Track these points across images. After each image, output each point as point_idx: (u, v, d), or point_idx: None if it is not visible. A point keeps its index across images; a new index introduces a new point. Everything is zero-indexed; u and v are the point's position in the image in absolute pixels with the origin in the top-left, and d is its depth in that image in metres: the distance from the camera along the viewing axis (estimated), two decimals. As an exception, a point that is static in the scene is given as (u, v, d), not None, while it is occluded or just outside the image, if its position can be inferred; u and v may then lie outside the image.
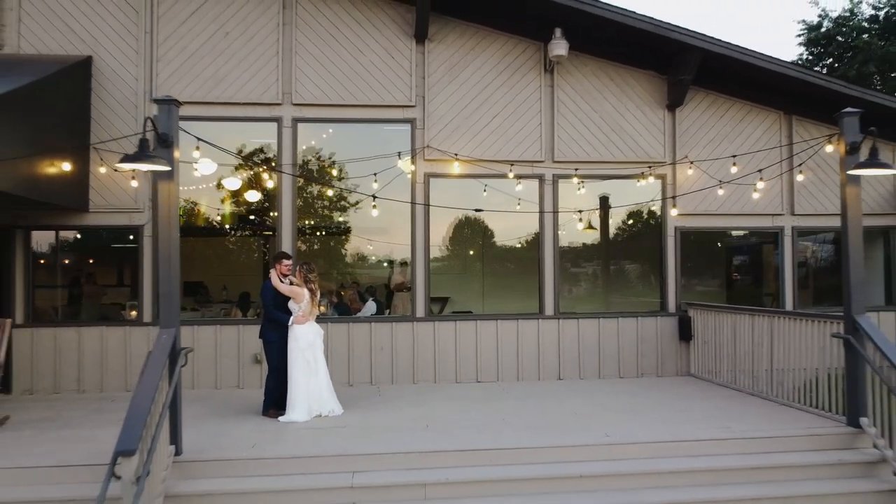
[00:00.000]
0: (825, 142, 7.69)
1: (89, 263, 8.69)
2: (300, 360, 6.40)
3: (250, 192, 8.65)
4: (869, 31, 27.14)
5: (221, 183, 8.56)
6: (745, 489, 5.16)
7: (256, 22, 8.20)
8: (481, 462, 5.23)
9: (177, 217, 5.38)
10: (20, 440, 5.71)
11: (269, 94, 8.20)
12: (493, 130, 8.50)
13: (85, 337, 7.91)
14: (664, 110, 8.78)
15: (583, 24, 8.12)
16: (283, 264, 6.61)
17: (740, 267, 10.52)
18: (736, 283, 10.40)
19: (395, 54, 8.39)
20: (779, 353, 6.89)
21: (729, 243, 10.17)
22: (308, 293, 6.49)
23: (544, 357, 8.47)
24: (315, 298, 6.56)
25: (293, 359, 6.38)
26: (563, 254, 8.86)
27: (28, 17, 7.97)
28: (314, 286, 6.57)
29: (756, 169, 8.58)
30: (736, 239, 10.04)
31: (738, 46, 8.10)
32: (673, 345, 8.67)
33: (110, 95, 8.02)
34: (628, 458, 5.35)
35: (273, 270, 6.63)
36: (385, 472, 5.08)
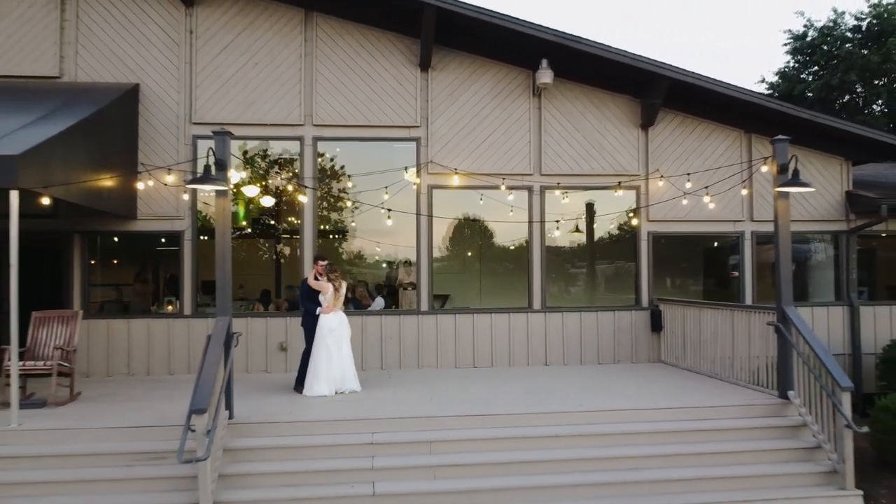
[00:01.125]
0: (762, 163, 8.87)
1: (136, 264, 9.90)
2: (322, 344, 7.61)
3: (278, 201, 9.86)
4: (852, 41, 28.32)
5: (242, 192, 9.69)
6: (692, 447, 6.37)
7: (281, 53, 9.42)
8: (475, 425, 6.44)
9: (229, 226, 6.59)
10: (95, 409, 6.92)
11: (292, 116, 9.41)
12: (487, 147, 9.71)
13: (133, 328, 9.12)
14: (638, 129, 10.00)
15: (566, 55, 9.33)
16: (318, 264, 7.81)
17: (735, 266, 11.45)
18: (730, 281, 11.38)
19: (402, 81, 9.61)
20: (731, 341, 8.10)
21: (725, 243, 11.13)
22: (332, 288, 7.70)
23: (532, 346, 9.69)
24: (338, 292, 7.76)
25: (316, 342, 7.61)
26: (552, 254, 10.07)
27: (84, 50, 9.19)
28: (336, 283, 7.77)
29: (719, 181, 9.77)
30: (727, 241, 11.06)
31: (701, 75, 9.30)
32: (645, 335, 9.88)
33: (155, 118, 9.23)
34: (597, 423, 6.56)
35: (312, 269, 7.87)
36: (398, 432, 6.29)
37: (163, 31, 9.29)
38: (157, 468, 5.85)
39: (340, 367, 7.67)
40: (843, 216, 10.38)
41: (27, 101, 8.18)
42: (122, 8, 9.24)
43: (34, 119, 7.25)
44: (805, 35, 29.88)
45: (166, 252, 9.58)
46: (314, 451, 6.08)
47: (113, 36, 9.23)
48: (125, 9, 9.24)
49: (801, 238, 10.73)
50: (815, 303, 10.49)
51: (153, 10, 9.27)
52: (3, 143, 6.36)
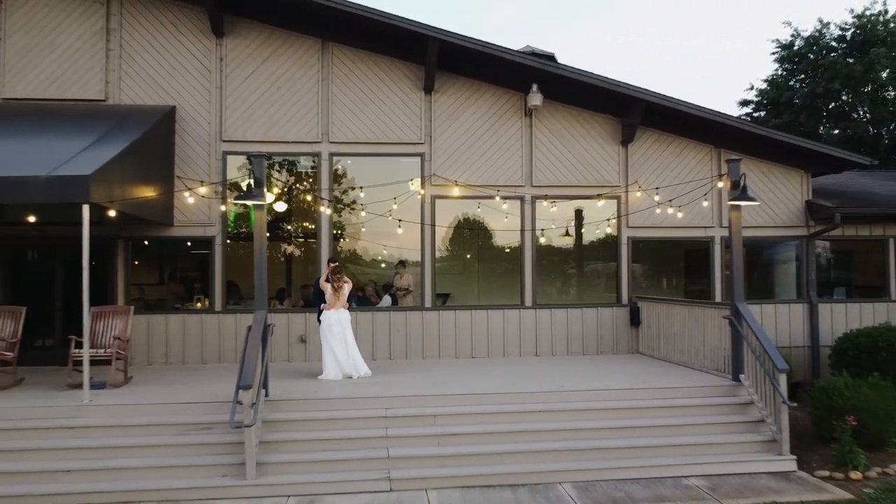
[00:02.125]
0: (718, 179, 10.04)
1: (172, 265, 11.09)
2: (327, 335, 8.78)
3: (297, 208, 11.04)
4: (836, 50, 29.47)
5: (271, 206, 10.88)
6: (653, 420, 7.54)
7: (301, 79, 10.60)
8: (471, 402, 7.62)
9: (265, 234, 7.76)
10: (147, 390, 8.10)
11: (310, 135, 10.60)
12: (484, 161, 10.90)
13: (170, 322, 10.31)
14: (619, 145, 11.18)
15: (554, 80, 10.51)
16: (329, 266, 8.99)
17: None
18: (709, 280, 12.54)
19: (408, 102, 10.80)
20: (695, 334, 9.27)
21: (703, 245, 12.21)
22: (330, 288, 8.86)
23: (524, 339, 10.87)
24: (337, 292, 8.87)
25: (322, 334, 8.81)
26: (544, 256, 11.24)
27: (126, 76, 10.37)
28: (337, 284, 8.90)
29: (691, 191, 10.94)
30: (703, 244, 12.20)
31: (673, 98, 10.48)
32: (625, 329, 11.06)
33: (189, 136, 10.42)
34: (574, 401, 7.74)
35: (326, 269, 9.06)
36: (407, 407, 7.47)
37: (196, 60, 10.48)
38: (205, 436, 7.04)
39: (350, 357, 8.83)
40: (804, 223, 11.55)
41: (81, 124, 9.38)
42: (160, 38, 10.43)
43: (93, 141, 8.43)
44: (792, 44, 31.04)
45: (198, 255, 10.75)
46: (337, 422, 7.26)
47: (152, 63, 10.41)
48: (163, 39, 10.43)
49: (770, 242, 11.94)
50: (780, 300, 11.68)
51: (188, 41, 10.46)
52: (74, 164, 7.54)
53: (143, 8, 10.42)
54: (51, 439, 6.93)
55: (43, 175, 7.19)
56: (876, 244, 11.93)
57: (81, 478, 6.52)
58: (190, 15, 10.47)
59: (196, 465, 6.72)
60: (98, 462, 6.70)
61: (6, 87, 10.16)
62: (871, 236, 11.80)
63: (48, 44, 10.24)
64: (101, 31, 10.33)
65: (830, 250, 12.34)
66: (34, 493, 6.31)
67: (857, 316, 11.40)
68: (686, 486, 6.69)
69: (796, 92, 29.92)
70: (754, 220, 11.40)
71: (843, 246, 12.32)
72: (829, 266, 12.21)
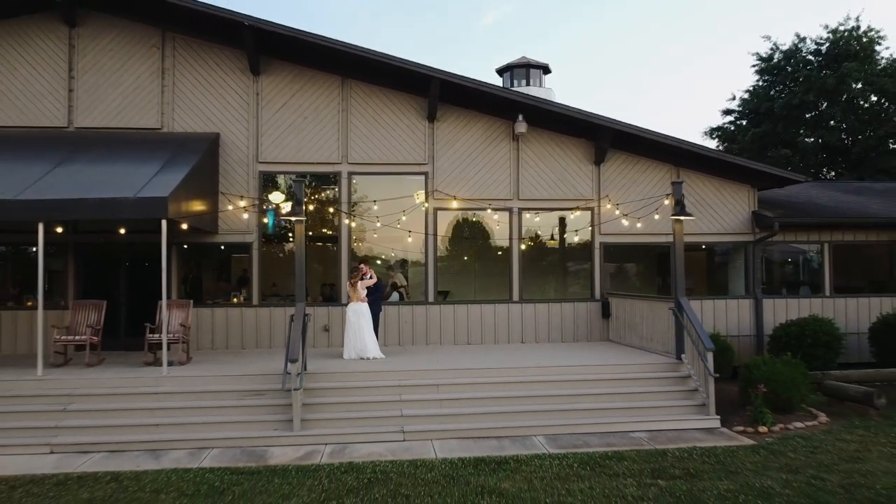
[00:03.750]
0: (664, 198, 12.03)
1: (216, 265, 13.09)
2: (346, 324, 10.81)
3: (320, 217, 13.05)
4: (812, 64, 31.43)
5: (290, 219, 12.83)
6: (610, 389, 9.55)
7: (324, 110, 12.61)
8: (466, 376, 9.63)
9: (304, 242, 9.76)
10: (206, 366, 10.11)
11: (332, 157, 12.61)
12: (479, 179, 12.90)
13: (216, 314, 12.30)
14: (593, 165, 13.19)
15: (536, 111, 12.53)
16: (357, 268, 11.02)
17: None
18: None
19: (414, 129, 12.81)
20: (651, 323, 11.28)
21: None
22: (349, 286, 10.89)
23: (512, 328, 12.88)
24: (353, 289, 10.88)
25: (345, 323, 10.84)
26: (528, 258, 13.23)
27: (178, 108, 12.38)
28: (351, 283, 10.92)
29: (653, 203, 12.93)
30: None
31: (637, 127, 12.48)
32: (598, 320, 13.07)
33: (230, 158, 12.42)
34: (547, 375, 9.75)
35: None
36: (416, 379, 9.48)
37: (236, 94, 12.49)
38: (258, 399, 9.06)
39: (362, 341, 10.80)
40: (751, 230, 13.55)
41: (145, 150, 11.38)
42: (206, 76, 12.44)
43: (161, 166, 10.44)
44: (771, 57, 33.07)
45: (238, 257, 12.76)
46: (362, 390, 9.28)
47: (199, 97, 12.42)
48: (209, 76, 12.44)
49: (723, 247, 13.95)
50: (732, 296, 13.69)
51: (230, 79, 12.47)
52: (153, 187, 9.55)
53: (192, 51, 12.43)
54: (140, 402, 8.96)
55: (131, 196, 9.21)
56: (817, 248, 13.94)
57: (166, 430, 8.53)
58: (231, 56, 12.48)
59: (252, 421, 8.74)
60: (178, 418, 8.71)
61: (79, 118, 12.17)
62: (808, 241, 13.82)
63: (113, 81, 12.25)
64: (157, 71, 12.34)
65: (781, 253, 14.36)
66: (134, 440, 8.32)
67: (795, 309, 13.38)
68: (631, 437, 8.70)
69: (775, 102, 31.85)
70: (709, 228, 13.43)
71: (792, 249, 14.33)
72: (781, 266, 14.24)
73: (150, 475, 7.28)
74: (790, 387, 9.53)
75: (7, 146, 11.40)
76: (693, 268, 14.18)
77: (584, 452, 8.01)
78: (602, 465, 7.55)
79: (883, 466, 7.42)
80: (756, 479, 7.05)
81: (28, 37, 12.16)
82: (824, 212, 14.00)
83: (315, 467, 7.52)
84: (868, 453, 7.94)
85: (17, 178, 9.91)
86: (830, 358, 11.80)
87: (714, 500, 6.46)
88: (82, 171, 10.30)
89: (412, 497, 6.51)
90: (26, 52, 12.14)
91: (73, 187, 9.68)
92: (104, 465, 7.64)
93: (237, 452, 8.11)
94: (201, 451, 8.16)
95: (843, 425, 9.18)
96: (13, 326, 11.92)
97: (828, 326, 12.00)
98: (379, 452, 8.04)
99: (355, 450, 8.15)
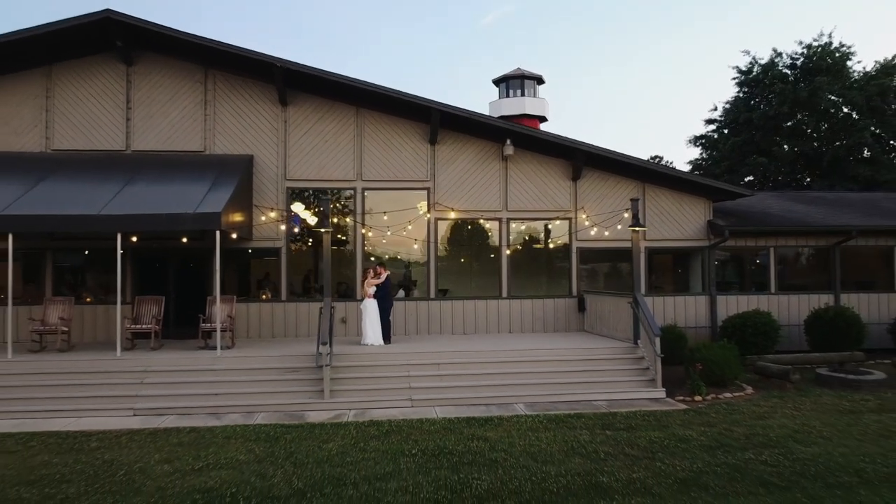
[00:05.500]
0: (624, 212, 14.27)
1: (250, 267, 15.34)
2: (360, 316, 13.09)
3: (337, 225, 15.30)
4: (786, 77, 33.64)
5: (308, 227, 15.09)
6: (578, 367, 11.81)
7: (342, 135, 14.86)
8: (462, 357, 11.89)
9: (330, 249, 12.00)
10: (249, 350, 12.34)
11: (348, 175, 14.85)
12: (473, 193, 15.15)
13: (250, 308, 14.54)
14: (570, 181, 15.44)
15: (522, 136, 14.77)
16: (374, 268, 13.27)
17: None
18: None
19: (418, 151, 15.06)
20: (615, 315, 13.52)
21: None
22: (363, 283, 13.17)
23: (501, 320, 15.13)
24: (363, 287, 13.13)
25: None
26: (515, 260, 15.48)
27: (218, 134, 14.62)
28: (364, 280, 13.17)
29: (623, 214, 15.17)
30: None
31: (606, 149, 14.72)
32: (574, 314, 15.32)
33: (263, 175, 14.66)
34: (528, 357, 12.00)
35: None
36: (421, 359, 11.74)
37: (267, 121, 14.74)
38: (295, 375, 11.31)
39: (363, 331, 13.01)
40: (706, 237, 15.81)
41: (194, 170, 13.61)
42: (242, 106, 14.68)
43: (210, 185, 12.67)
44: (751, 70, 35.32)
45: (268, 260, 15.00)
46: (377, 368, 11.54)
47: (236, 124, 14.66)
48: (245, 106, 14.68)
49: (684, 251, 16.19)
50: (691, 293, 15.93)
51: (262, 108, 14.72)
52: (207, 203, 11.77)
53: (230, 85, 14.68)
54: (201, 377, 11.21)
55: (191, 212, 11.45)
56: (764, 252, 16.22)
57: (223, 398, 10.77)
58: (263, 89, 14.72)
59: (291, 391, 10.99)
60: (231, 389, 10.96)
61: (135, 142, 14.41)
62: (756, 246, 16.08)
63: (163, 111, 14.49)
64: (200, 102, 14.58)
65: (735, 256, 16.63)
66: (198, 405, 10.56)
67: (745, 304, 15.64)
68: (592, 404, 10.94)
69: (753, 113, 34.08)
70: (671, 235, 15.68)
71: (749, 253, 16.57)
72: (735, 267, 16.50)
73: (219, 429, 9.54)
74: (723, 366, 11.78)
75: (77, 166, 13.62)
76: (659, 269, 16.50)
77: (553, 414, 10.27)
78: (566, 422, 9.81)
79: (781, 423, 9.68)
80: (680, 430, 9.32)
81: (92, 73, 14.39)
82: (770, 220, 16.25)
83: (344, 423, 9.78)
84: (774, 414, 10.20)
85: (94, 195, 12.15)
86: (768, 345, 14.05)
87: (645, 443, 8.71)
88: (146, 190, 12.53)
89: (420, 441, 8.76)
90: (91, 86, 14.39)
91: (142, 204, 11.90)
92: (179, 423, 9.89)
93: (281, 415, 10.36)
94: (253, 413, 10.41)
95: (763, 395, 11.45)
96: (91, 318, 14.14)
97: (766, 318, 14.25)
98: (393, 414, 10.29)
99: (374, 413, 10.40)
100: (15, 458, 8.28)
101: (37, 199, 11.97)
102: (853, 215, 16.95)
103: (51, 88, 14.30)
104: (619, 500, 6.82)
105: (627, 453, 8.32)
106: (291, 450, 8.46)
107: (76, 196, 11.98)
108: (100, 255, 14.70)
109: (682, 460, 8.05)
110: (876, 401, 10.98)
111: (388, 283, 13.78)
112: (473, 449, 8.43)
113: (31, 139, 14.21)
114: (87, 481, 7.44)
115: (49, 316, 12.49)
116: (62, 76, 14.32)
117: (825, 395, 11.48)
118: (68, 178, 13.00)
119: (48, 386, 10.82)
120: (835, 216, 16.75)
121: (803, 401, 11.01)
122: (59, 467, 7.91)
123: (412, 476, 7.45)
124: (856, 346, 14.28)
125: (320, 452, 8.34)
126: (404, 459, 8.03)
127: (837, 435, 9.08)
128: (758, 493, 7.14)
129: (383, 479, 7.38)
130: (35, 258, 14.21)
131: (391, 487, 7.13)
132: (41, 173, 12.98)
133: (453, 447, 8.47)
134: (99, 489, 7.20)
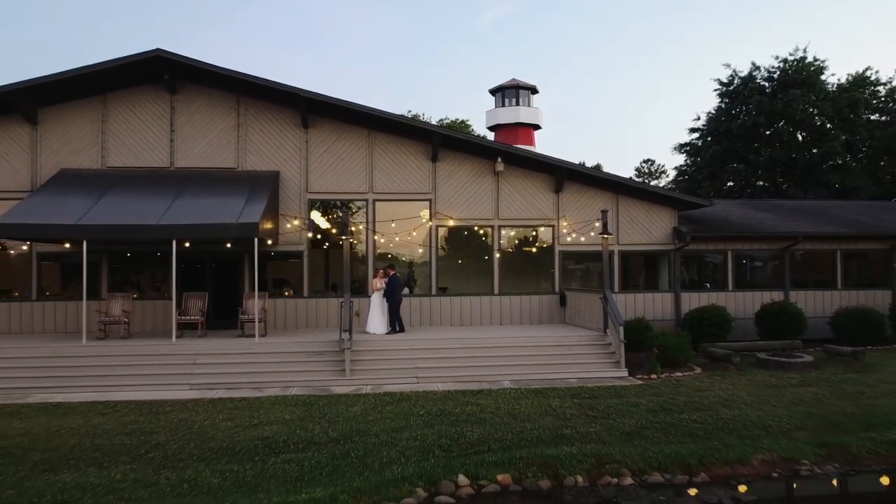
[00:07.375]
0: (595, 221, 16.58)
1: (274, 268, 17.67)
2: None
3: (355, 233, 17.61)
4: (765, 90, 35.94)
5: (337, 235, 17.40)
6: (555, 352, 14.14)
7: (355, 154, 17.19)
8: (459, 343, 14.22)
9: (349, 252, 14.32)
10: (280, 338, 14.66)
11: (361, 188, 17.18)
12: (469, 203, 17.48)
13: (277, 303, 16.85)
14: (554, 193, 17.77)
15: (512, 155, 17.11)
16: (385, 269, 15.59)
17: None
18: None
19: (421, 168, 17.39)
20: (589, 309, 15.84)
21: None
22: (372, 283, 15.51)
23: (493, 314, 17.47)
24: (372, 285, 15.46)
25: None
26: (506, 262, 17.79)
27: (248, 152, 16.94)
28: (374, 279, 15.50)
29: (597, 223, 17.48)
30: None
31: (582, 166, 17.10)
32: (557, 309, 17.64)
33: (287, 189, 16.98)
34: (514, 343, 14.34)
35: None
36: (424, 346, 14.07)
37: (291, 142, 17.06)
38: (320, 357, 13.65)
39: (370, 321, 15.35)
40: (672, 241, 18.15)
41: (230, 185, 15.91)
42: (270, 128, 17.00)
43: (247, 197, 14.97)
44: (731, 82, 37.62)
45: (292, 262, 17.33)
46: (389, 352, 13.89)
47: (265, 144, 16.99)
48: (272, 129, 17.01)
49: (653, 254, 18.52)
50: (659, 291, 18.27)
51: (287, 130, 17.05)
52: (246, 213, 14.07)
53: (259, 110, 17.01)
54: (243, 358, 13.54)
55: (234, 222, 13.76)
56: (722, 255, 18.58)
57: (262, 375, 13.09)
58: (288, 114, 17.04)
59: (318, 370, 13.32)
60: (269, 368, 13.29)
61: (178, 160, 16.73)
62: (716, 250, 18.44)
63: (202, 133, 16.81)
64: (234, 125, 16.91)
65: (697, 258, 18.98)
66: (242, 381, 12.89)
67: (706, 300, 17.91)
68: (566, 382, 13.26)
69: (733, 122, 36.39)
70: (641, 240, 18.03)
71: (709, 255, 18.92)
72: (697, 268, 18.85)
73: (263, 398, 11.87)
74: (677, 350, 14.14)
75: (130, 181, 15.92)
76: (632, 270, 18.85)
77: (533, 388, 12.60)
78: (542, 393, 12.15)
79: (715, 394, 12.02)
80: (633, 399, 11.66)
81: (140, 101, 16.71)
82: (728, 227, 18.60)
83: (363, 395, 12.12)
84: (712, 388, 12.54)
85: (148, 207, 14.46)
86: (721, 335, 16.38)
87: (603, 407, 11.06)
88: (192, 203, 14.84)
89: (425, 406, 11.10)
90: (139, 111, 16.70)
91: (191, 214, 14.19)
92: (229, 395, 12.21)
93: (312, 388, 12.70)
94: (288, 387, 12.74)
95: (708, 374, 13.80)
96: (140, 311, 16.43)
97: (721, 312, 16.60)
98: (402, 388, 12.62)
99: (387, 387, 12.74)
100: (109, 419, 10.62)
101: (101, 211, 14.27)
102: (803, 222, 19.31)
103: (105, 114, 16.61)
104: (577, 446, 9.19)
105: (588, 414, 10.68)
106: (325, 412, 10.80)
107: (136, 208, 14.30)
108: (145, 258, 17.06)
109: (629, 419, 10.41)
110: (799, 378, 13.32)
111: (396, 281, 16.04)
112: (468, 412, 10.77)
113: (89, 157, 16.52)
114: (170, 433, 9.78)
115: (112, 309, 14.80)
116: (115, 103, 16.64)
117: (760, 374, 13.83)
118: (124, 191, 15.30)
119: (118, 366, 13.14)
120: (785, 223, 19.11)
121: (739, 378, 13.36)
122: (146, 424, 10.25)
123: (420, 429, 9.79)
124: (798, 335, 16.61)
125: (347, 413, 10.69)
126: (413, 418, 10.38)
127: (757, 402, 11.43)
128: (685, 441, 9.53)
129: (398, 431, 9.73)
130: (93, 260, 16.50)
131: (404, 437, 9.48)
132: (102, 188, 15.29)
133: (451, 410, 10.82)
134: (181, 438, 9.55)
